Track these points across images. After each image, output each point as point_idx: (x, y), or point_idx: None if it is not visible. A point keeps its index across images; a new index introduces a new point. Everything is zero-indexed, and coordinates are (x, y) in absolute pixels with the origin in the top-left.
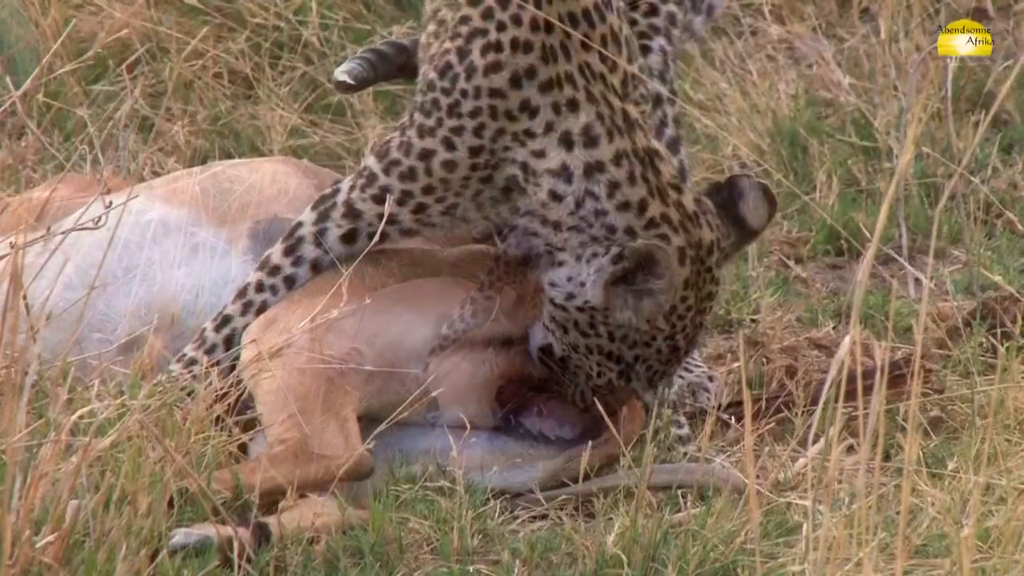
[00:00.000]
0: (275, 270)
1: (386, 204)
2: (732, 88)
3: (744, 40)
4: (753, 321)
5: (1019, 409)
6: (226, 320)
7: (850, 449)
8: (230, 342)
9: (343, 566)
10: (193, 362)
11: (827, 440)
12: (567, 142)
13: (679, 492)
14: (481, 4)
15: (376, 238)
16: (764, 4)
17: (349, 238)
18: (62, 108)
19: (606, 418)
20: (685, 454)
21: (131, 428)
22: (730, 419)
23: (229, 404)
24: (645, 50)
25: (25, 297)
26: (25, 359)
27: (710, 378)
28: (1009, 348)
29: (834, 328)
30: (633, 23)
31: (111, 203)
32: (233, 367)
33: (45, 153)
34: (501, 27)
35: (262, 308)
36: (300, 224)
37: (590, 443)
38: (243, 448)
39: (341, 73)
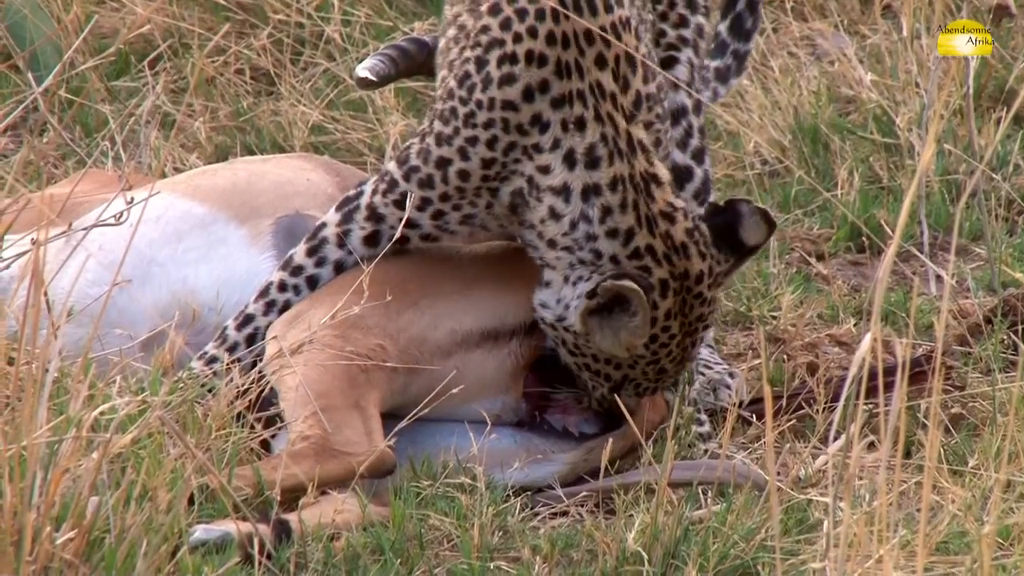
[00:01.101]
0: (298, 270)
1: (406, 209)
2: (754, 85)
3: (766, 37)
4: (774, 318)
5: None
6: (248, 319)
7: (871, 446)
8: (252, 341)
9: (364, 563)
10: (214, 360)
11: (848, 437)
12: (570, 161)
13: (699, 489)
14: (500, 14)
15: (398, 241)
16: (786, 1)
17: (372, 240)
18: (84, 104)
19: (625, 412)
20: (706, 451)
21: (152, 424)
22: (751, 416)
23: (250, 401)
24: (672, 61)
25: (46, 293)
26: (46, 355)
27: (731, 375)
28: None
29: (855, 325)
30: (662, 34)
31: (132, 199)
32: (255, 364)
33: (67, 149)
34: (517, 39)
35: (284, 308)
36: (324, 225)
37: (610, 435)
38: (264, 445)
39: (363, 70)
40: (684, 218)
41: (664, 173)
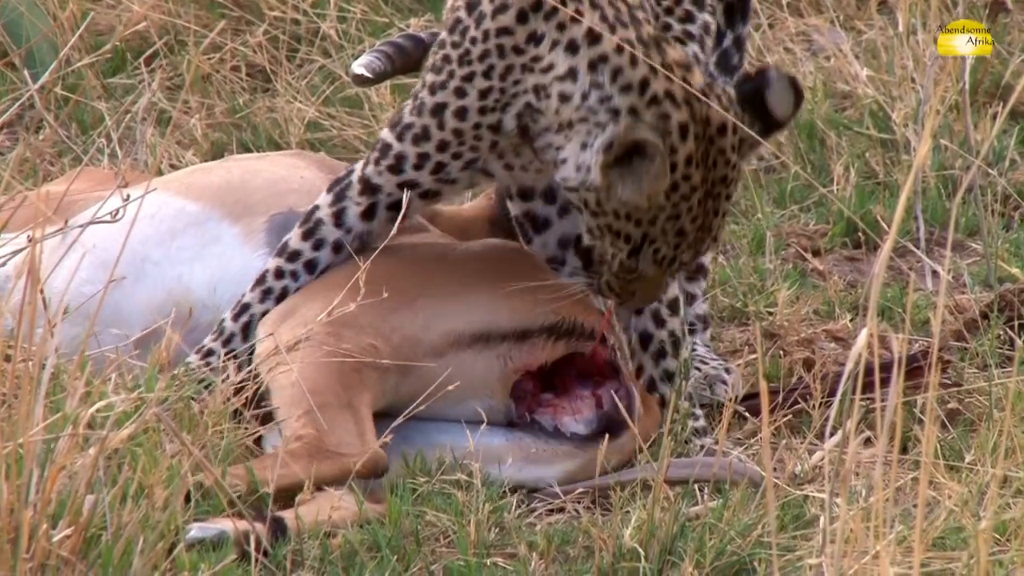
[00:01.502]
0: (295, 255)
1: (403, 174)
2: None
3: (762, 32)
4: (770, 314)
5: None
6: (244, 308)
7: (867, 442)
8: (248, 331)
9: (360, 560)
10: (211, 353)
11: (844, 433)
12: (572, 48)
13: (696, 485)
14: None
15: (398, 207)
16: None
17: (369, 214)
18: (80, 101)
19: (624, 414)
20: (702, 447)
21: (148, 421)
22: (747, 412)
23: (246, 398)
24: None
25: (42, 291)
26: (43, 353)
27: (727, 370)
28: None
29: (851, 320)
30: (667, 28)
31: (128, 196)
32: (251, 360)
33: (63, 146)
34: None
35: (282, 295)
36: (317, 207)
37: (607, 441)
38: (259, 441)
39: (358, 66)
40: (702, 71)
41: (672, 41)
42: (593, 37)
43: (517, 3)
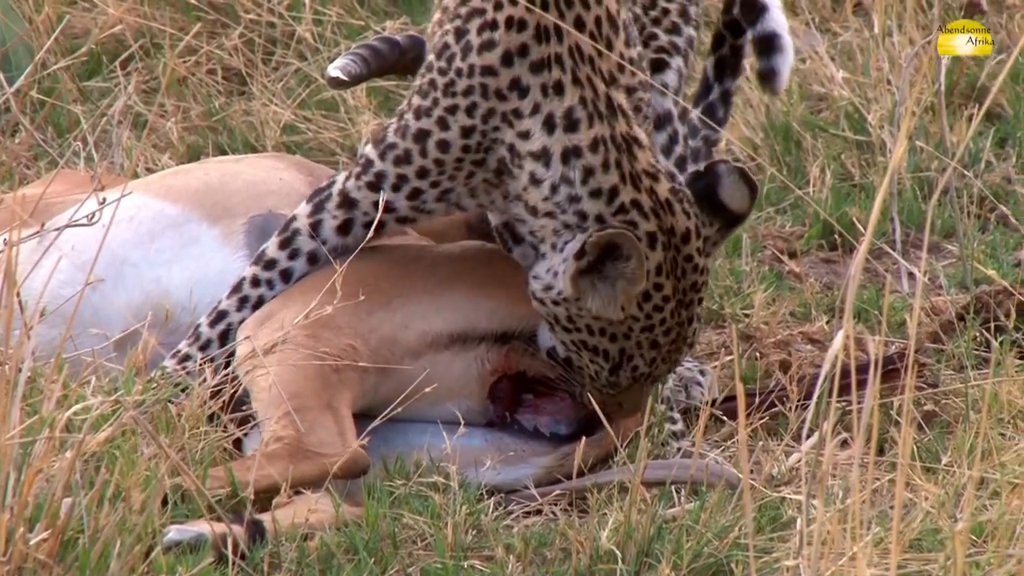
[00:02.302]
0: (271, 264)
1: (381, 193)
2: None
3: None
4: (746, 316)
5: (1012, 403)
6: (221, 315)
7: (844, 443)
8: (225, 338)
9: (337, 562)
10: (187, 358)
11: (821, 435)
12: (549, 125)
13: (673, 487)
14: None
15: (373, 227)
16: None
17: (345, 229)
18: (56, 105)
19: (601, 415)
20: (679, 449)
21: (125, 424)
22: (723, 414)
23: (223, 401)
24: (663, 66)
25: (19, 294)
26: (19, 356)
27: (702, 372)
28: (1002, 342)
29: (827, 322)
30: (653, 37)
31: (105, 199)
32: (228, 363)
33: (39, 150)
34: (498, 6)
35: (258, 303)
36: (295, 217)
37: (584, 439)
38: (238, 444)
39: (334, 69)
40: (666, 178)
41: (644, 137)
42: (570, 122)
43: (504, 43)
